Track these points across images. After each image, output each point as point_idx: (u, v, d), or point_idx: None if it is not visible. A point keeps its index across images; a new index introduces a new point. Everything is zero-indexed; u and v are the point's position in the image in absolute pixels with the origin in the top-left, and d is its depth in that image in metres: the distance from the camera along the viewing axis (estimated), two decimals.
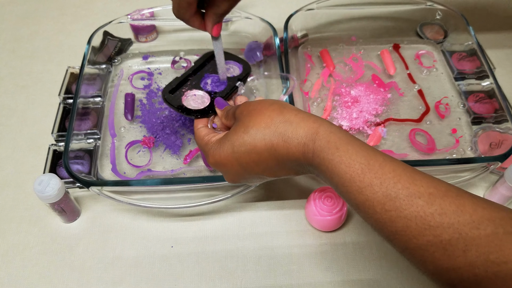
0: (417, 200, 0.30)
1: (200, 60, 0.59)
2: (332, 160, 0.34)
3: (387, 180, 0.32)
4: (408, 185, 0.31)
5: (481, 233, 0.27)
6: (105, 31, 0.70)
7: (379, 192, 0.32)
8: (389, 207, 0.31)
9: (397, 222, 0.31)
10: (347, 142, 0.35)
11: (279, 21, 0.70)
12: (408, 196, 0.30)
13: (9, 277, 0.53)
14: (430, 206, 0.29)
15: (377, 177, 0.32)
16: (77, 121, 0.59)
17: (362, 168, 0.33)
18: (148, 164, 0.61)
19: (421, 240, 0.29)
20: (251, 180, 0.44)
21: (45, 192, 0.50)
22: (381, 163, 0.33)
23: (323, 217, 0.53)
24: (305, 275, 0.52)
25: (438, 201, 0.29)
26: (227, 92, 0.54)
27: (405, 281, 0.52)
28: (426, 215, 0.29)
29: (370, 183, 0.32)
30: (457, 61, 0.71)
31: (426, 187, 0.30)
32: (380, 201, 0.31)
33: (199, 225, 0.57)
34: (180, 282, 0.52)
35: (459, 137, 0.64)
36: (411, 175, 0.31)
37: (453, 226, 0.28)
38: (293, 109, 0.39)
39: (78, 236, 0.56)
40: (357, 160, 0.33)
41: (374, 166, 0.33)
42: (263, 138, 0.38)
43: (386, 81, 0.70)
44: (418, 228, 0.29)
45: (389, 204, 0.31)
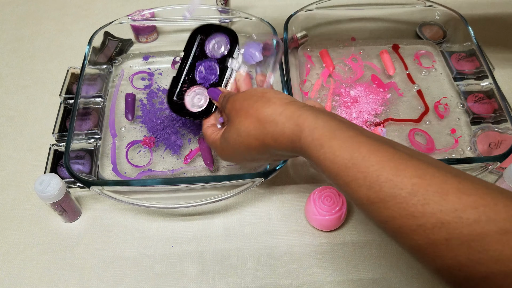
0: (400, 192, 0.30)
1: (188, 46, 0.57)
2: (318, 157, 0.36)
3: (370, 174, 0.32)
4: (391, 177, 0.31)
5: (464, 221, 0.28)
6: (105, 32, 0.71)
7: (363, 186, 0.32)
8: (374, 199, 0.32)
9: (383, 213, 0.31)
10: (330, 137, 0.35)
11: (279, 22, 0.71)
12: (391, 188, 0.31)
13: (10, 276, 0.53)
14: (413, 197, 0.30)
15: (360, 171, 0.33)
16: (78, 121, 0.59)
17: (345, 164, 0.33)
18: (148, 164, 0.61)
19: (406, 229, 0.30)
20: (261, 162, 0.52)
21: (46, 192, 0.51)
22: (364, 156, 0.33)
23: (323, 216, 0.53)
24: (305, 274, 0.53)
25: (421, 191, 0.30)
26: (219, 79, 0.55)
27: (405, 280, 0.52)
28: (409, 206, 0.30)
29: (354, 177, 0.33)
30: (456, 62, 0.72)
31: (409, 177, 0.30)
32: (365, 194, 0.32)
33: (199, 225, 0.57)
34: (180, 281, 0.52)
35: (458, 137, 0.64)
36: (395, 165, 0.31)
37: (435, 215, 0.29)
38: (277, 106, 0.40)
39: (79, 235, 0.56)
40: (341, 156, 0.34)
41: (357, 160, 0.33)
42: (255, 138, 0.41)
43: (385, 82, 0.70)
44: (402, 218, 0.30)
45: (374, 196, 0.32)
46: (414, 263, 0.54)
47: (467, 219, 0.28)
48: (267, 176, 0.53)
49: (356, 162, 0.33)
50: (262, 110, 0.40)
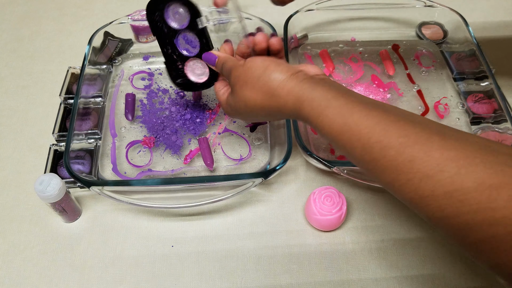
0: (389, 151, 0.33)
1: (154, 29, 0.56)
2: (317, 124, 0.40)
3: (362, 137, 0.35)
4: (381, 139, 0.34)
5: (445, 174, 0.30)
6: (105, 32, 0.71)
7: (358, 148, 0.36)
8: (368, 159, 0.35)
9: (376, 170, 0.35)
10: (326, 106, 0.39)
11: (279, 22, 0.71)
12: (381, 149, 0.34)
13: (10, 276, 0.53)
14: (401, 155, 0.33)
15: (354, 135, 0.36)
16: (78, 121, 0.59)
17: (341, 129, 0.37)
18: (148, 164, 0.61)
19: (397, 184, 0.33)
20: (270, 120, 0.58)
21: (46, 192, 0.51)
22: (356, 121, 0.36)
23: (323, 216, 0.53)
24: (304, 274, 0.53)
25: (408, 150, 0.33)
26: (204, 43, 0.55)
27: (404, 280, 0.52)
28: (398, 164, 0.33)
29: (349, 140, 0.37)
30: (456, 62, 0.72)
31: (396, 137, 0.34)
32: (360, 154, 0.36)
33: (199, 225, 0.57)
34: (180, 281, 0.52)
35: None
36: (384, 127, 0.35)
37: (420, 171, 0.31)
38: (279, 81, 0.43)
39: (79, 235, 0.56)
40: (336, 122, 0.38)
41: (350, 125, 0.36)
42: (262, 108, 0.44)
43: (385, 82, 0.70)
44: (392, 175, 0.33)
45: (367, 156, 0.35)
46: (414, 263, 0.54)
47: (449, 172, 0.30)
48: (267, 176, 0.53)
49: (350, 127, 0.36)
50: (267, 85, 0.43)
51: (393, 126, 0.35)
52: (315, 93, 0.40)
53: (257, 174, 0.52)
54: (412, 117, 0.36)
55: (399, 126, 0.34)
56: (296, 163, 0.62)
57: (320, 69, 0.46)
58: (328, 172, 0.61)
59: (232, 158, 0.62)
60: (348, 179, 0.60)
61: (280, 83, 0.42)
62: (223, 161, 0.62)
